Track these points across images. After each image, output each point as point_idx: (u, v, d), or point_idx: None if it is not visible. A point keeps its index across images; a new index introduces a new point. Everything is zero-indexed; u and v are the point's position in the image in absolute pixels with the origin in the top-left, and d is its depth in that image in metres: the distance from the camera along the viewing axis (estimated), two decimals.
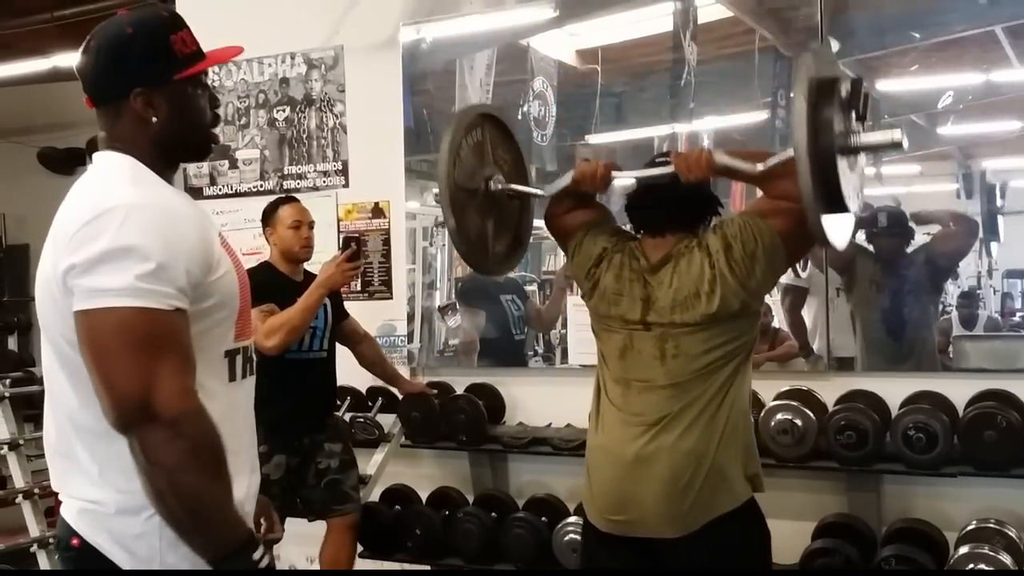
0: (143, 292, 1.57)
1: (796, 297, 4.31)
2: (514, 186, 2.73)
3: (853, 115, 2.21)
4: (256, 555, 1.62)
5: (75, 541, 1.69)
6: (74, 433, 1.70)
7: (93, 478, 1.68)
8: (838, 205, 2.20)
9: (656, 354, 2.46)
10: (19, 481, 4.83)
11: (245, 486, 1.79)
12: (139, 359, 1.56)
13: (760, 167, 2.36)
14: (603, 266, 2.58)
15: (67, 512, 1.73)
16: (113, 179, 1.72)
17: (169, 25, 1.79)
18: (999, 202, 4.10)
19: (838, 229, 2.35)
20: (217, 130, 1.92)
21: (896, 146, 2.25)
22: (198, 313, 1.68)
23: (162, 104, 1.77)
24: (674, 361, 2.44)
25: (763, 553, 2.54)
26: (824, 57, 2.33)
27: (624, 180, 2.62)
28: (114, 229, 1.58)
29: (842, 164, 2.16)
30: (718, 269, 2.41)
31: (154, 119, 1.76)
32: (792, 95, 2.13)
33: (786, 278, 4.32)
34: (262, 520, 2.04)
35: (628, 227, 2.69)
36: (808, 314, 4.29)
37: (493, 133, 2.77)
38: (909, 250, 4.08)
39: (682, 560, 2.42)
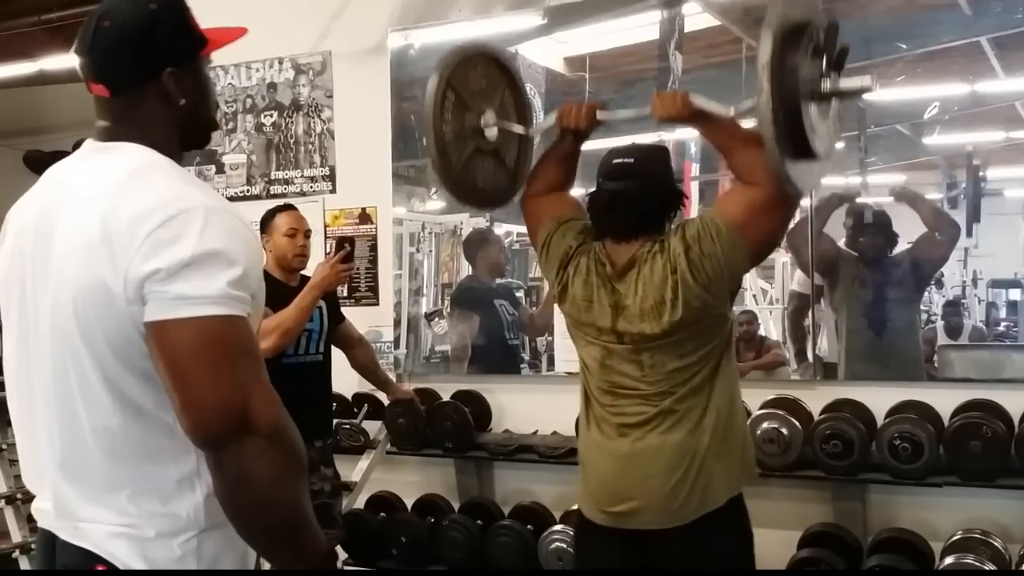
0: (232, 299, 1.48)
1: (801, 304, 4.32)
2: (502, 123, 2.73)
3: (825, 61, 2.20)
4: (338, 563, 1.59)
5: (101, 567, 1.56)
6: (102, 453, 1.56)
7: (121, 502, 1.56)
8: (805, 150, 2.19)
9: (635, 367, 2.46)
10: (1, 486, 4.79)
11: None
12: (232, 369, 1.47)
13: (733, 110, 2.34)
14: (570, 270, 2.56)
15: (85, 537, 1.57)
16: (164, 174, 1.58)
17: (184, 1, 1.69)
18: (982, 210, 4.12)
19: (806, 178, 2.35)
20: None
21: (865, 91, 2.24)
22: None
23: (188, 84, 1.66)
24: (652, 371, 2.44)
25: (750, 550, 2.56)
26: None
27: (610, 116, 2.62)
28: (197, 232, 1.47)
29: (810, 109, 2.16)
30: (680, 274, 2.39)
31: (182, 100, 1.64)
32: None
33: (795, 284, 4.34)
34: None
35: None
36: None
37: (491, 71, 2.78)
38: (892, 253, 4.10)
39: (676, 553, 2.44)
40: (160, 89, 1.63)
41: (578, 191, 2.82)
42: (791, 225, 3.17)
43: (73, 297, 1.52)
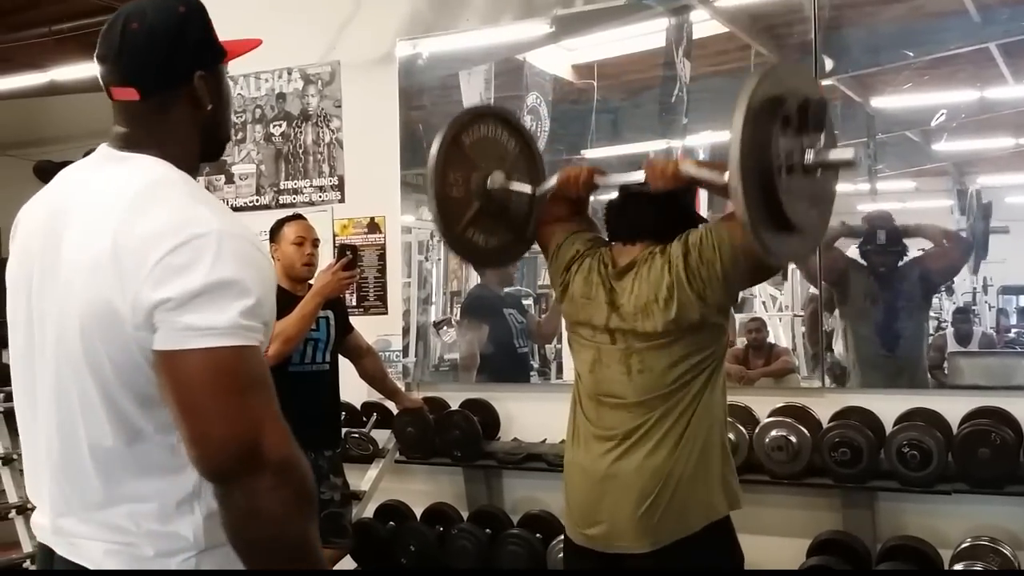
0: (245, 329, 1.44)
1: (818, 307, 4.30)
2: (507, 184, 2.74)
3: (807, 132, 2.21)
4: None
5: None
6: (99, 471, 1.54)
7: (119, 520, 1.53)
8: (784, 224, 2.18)
9: (623, 370, 2.45)
10: (12, 496, 4.81)
11: None
12: (241, 402, 1.43)
13: (724, 177, 2.35)
14: (573, 269, 2.59)
15: (83, 555, 1.56)
16: (179, 194, 1.54)
17: (205, 7, 1.68)
18: (992, 218, 4.10)
19: (788, 249, 2.34)
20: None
21: (849, 165, 2.25)
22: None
23: (215, 88, 1.65)
24: (640, 377, 2.43)
25: (737, 571, 2.54)
26: (786, 73, 2.31)
27: (608, 182, 2.63)
28: (209, 260, 1.43)
29: (789, 183, 2.15)
30: (676, 276, 2.39)
31: (209, 106, 1.63)
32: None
33: (812, 288, 4.32)
34: None
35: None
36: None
37: (498, 130, 2.79)
38: (901, 264, 4.09)
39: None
40: (191, 93, 1.61)
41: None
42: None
43: (80, 313, 1.49)
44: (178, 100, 1.61)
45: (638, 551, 2.41)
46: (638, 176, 2.50)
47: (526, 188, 2.77)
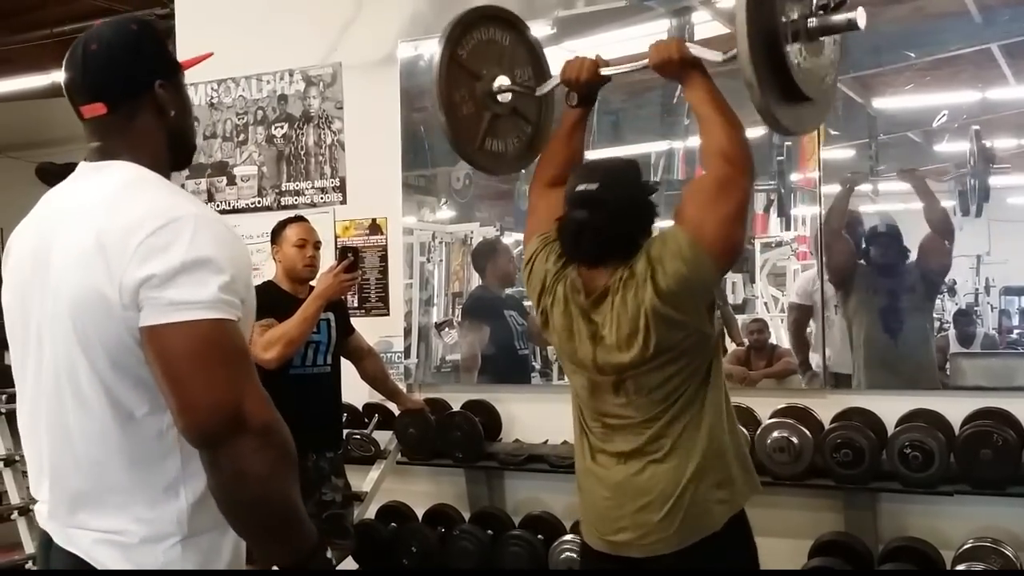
0: (223, 303, 1.55)
1: (801, 315, 4.32)
2: (511, 84, 2.74)
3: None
4: (329, 554, 1.64)
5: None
6: (92, 460, 1.62)
7: (111, 507, 1.62)
8: (792, 92, 2.17)
9: (622, 398, 2.40)
10: (15, 497, 4.82)
11: None
12: (226, 371, 1.54)
13: (729, 54, 2.28)
14: (548, 299, 2.50)
15: (72, 542, 1.64)
16: (154, 187, 1.68)
17: (159, 25, 1.82)
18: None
19: (797, 121, 2.33)
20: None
21: (853, 27, 2.21)
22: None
23: (175, 96, 1.77)
24: (638, 398, 2.38)
25: (754, 567, 2.54)
26: None
27: (612, 71, 2.61)
28: (187, 239, 1.55)
29: (796, 48, 2.14)
30: (649, 299, 2.30)
31: (172, 112, 1.76)
32: None
33: (793, 295, 4.33)
34: None
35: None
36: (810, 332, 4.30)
37: (518, 47, 2.80)
38: (905, 264, 4.10)
39: None
40: (154, 101, 1.74)
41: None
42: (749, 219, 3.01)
43: (70, 307, 1.59)
44: (143, 108, 1.74)
45: (663, 552, 2.40)
46: (643, 64, 2.50)
47: (527, 90, 2.78)
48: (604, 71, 2.60)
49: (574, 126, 2.70)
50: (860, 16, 2.18)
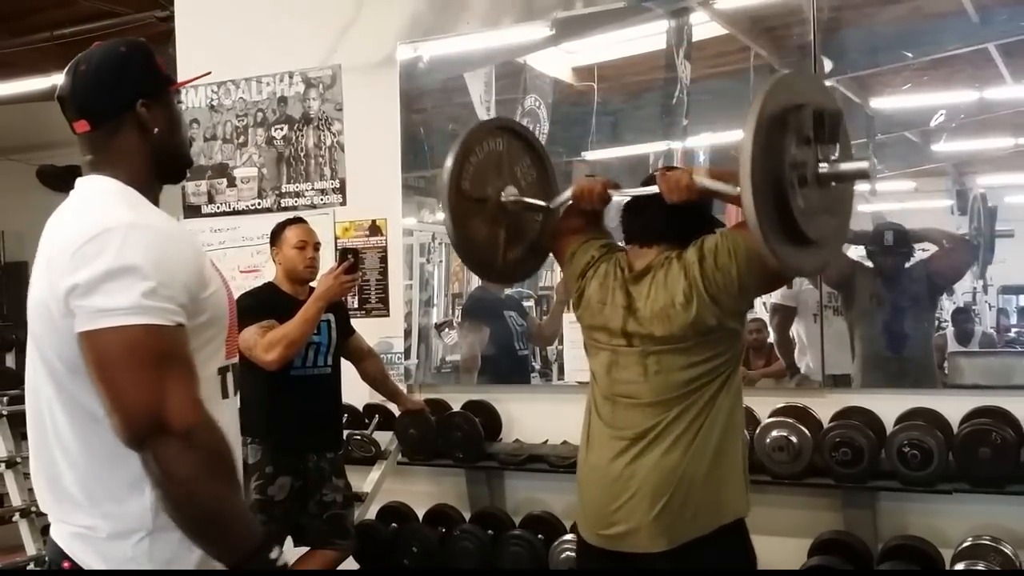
0: (149, 309, 1.60)
1: (784, 316, 4.33)
2: (521, 199, 2.77)
3: (822, 143, 2.20)
4: (273, 554, 1.66)
5: (67, 564, 1.72)
6: (62, 457, 1.73)
7: (81, 502, 1.71)
8: (798, 237, 2.18)
9: (640, 371, 2.47)
10: (16, 499, 4.83)
11: None
12: (149, 375, 1.59)
13: (739, 189, 2.35)
14: (589, 275, 2.61)
15: (58, 535, 1.76)
16: (105, 201, 1.75)
17: (149, 46, 1.89)
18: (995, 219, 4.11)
19: (803, 261, 2.34)
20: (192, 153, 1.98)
21: (864, 176, 2.25)
22: (194, 329, 1.71)
23: (160, 114, 1.84)
24: (656, 378, 2.45)
25: (751, 571, 2.55)
26: (799, 82, 2.32)
27: (621, 198, 2.65)
28: (115, 249, 1.61)
29: (802, 195, 2.15)
30: (692, 281, 2.40)
31: (156, 129, 1.82)
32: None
33: (776, 296, 4.33)
34: None
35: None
36: (799, 332, 4.30)
37: (512, 145, 2.81)
38: (908, 265, 4.10)
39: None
40: (135, 120, 1.82)
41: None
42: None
43: (31, 318, 1.73)
44: (125, 126, 1.82)
45: (653, 550, 2.43)
46: (652, 190, 2.51)
47: (540, 202, 2.80)
48: (614, 195, 2.65)
49: (590, 215, 2.76)
50: (870, 166, 2.25)
